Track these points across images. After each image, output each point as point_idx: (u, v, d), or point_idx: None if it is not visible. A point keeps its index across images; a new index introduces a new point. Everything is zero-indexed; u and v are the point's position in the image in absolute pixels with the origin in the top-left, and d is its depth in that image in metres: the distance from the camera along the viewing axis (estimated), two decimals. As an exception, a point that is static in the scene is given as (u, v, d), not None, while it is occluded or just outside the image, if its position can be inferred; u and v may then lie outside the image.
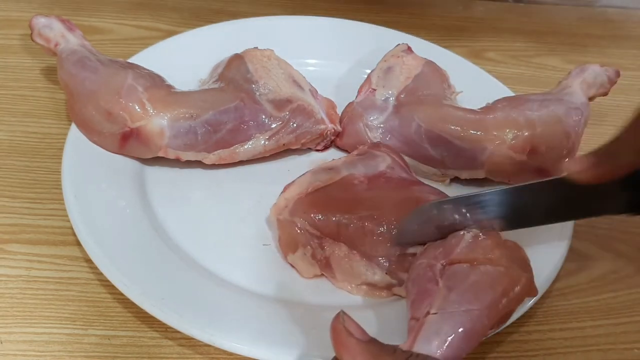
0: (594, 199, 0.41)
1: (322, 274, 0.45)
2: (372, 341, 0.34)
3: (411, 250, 0.43)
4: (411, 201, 0.44)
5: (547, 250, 0.47)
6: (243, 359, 0.40)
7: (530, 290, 0.40)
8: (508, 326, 0.42)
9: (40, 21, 0.53)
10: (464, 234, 0.41)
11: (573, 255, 0.49)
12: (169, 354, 0.41)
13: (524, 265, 0.40)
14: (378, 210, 0.44)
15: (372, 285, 0.44)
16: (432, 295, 0.38)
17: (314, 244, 0.44)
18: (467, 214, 0.42)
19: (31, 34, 0.53)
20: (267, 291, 0.44)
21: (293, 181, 0.47)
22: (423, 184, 0.47)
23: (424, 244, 0.43)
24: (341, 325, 0.34)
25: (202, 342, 0.39)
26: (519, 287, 0.39)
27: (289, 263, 0.46)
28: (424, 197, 0.45)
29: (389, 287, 0.44)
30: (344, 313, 0.34)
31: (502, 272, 0.39)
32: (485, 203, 0.42)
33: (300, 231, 0.45)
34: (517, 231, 0.48)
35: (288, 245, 0.46)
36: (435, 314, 0.37)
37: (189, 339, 0.41)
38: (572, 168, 0.38)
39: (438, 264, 0.40)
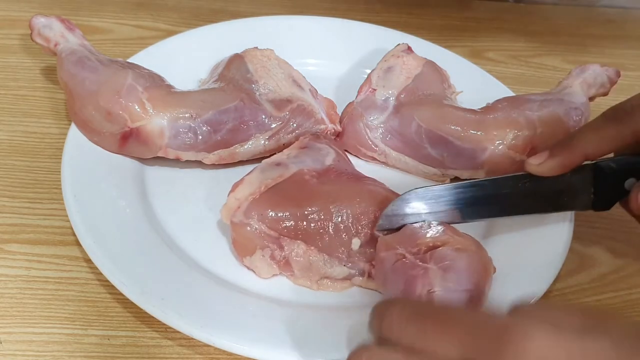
0: (555, 195, 0.44)
1: (280, 273, 0.45)
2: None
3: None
4: (364, 193, 0.45)
5: (547, 250, 0.47)
6: (243, 359, 0.40)
7: (493, 269, 0.42)
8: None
9: (40, 21, 0.53)
10: (420, 224, 0.43)
11: (573, 255, 0.49)
12: (169, 354, 0.41)
13: (482, 248, 0.43)
14: (334, 205, 0.44)
15: (332, 278, 0.45)
16: (424, 277, 0.39)
17: (272, 245, 0.44)
18: (427, 206, 0.43)
19: (31, 33, 0.53)
20: (267, 291, 0.44)
21: (241, 180, 0.45)
22: (368, 177, 0.48)
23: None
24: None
25: (201, 342, 0.39)
26: (490, 269, 0.42)
27: (245, 266, 0.45)
28: (375, 189, 0.46)
29: (348, 278, 0.45)
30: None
31: (478, 256, 0.41)
32: (445, 195, 0.44)
33: (257, 233, 0.44)
34: (517, 231, 0.48)
35: (244, 248, 0.45)
36: (439, 291, 0.38)
37: (188, 339, 0.41)
38: (532, 162, 0.42)
39: (408, 254, 0.41)
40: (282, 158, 0.48)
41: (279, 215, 0.44)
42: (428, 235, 0.42)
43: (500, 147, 0.51)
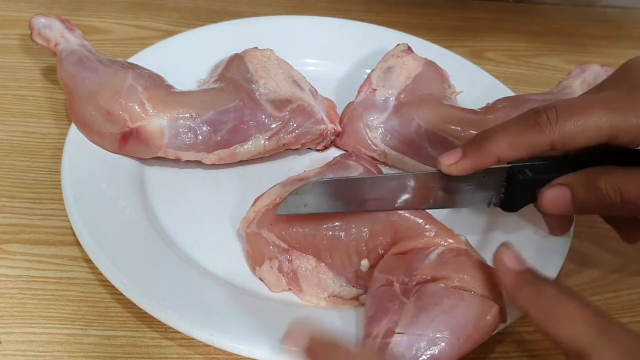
0: (463, 191, 0.43)
1: (289, 289, 0.44)
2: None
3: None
4: (380, 216, 0.43)
5: (547, 250, 0.47)
6: (243, 359, 0.40)
7: (502, 317, 0.39)
8: (508, 326, 0.42)
9: (40, 21, 0.53)
10: (429, 251, 0.40)
11: (573, 255, 0.49)
12: (169, 354, 0.41)
13: (497, 292, 0.39)
14: (348, 223, 0.43)
15: (339, 298, 0.44)
16: (393, 313, 0.37)
17: (281, 257, 0.43)
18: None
19: (31, 33, 0.53)
20: (267, 291, 0.44)
21: (263, 193, 0.45)
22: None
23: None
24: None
25: (201, 342, 0.39)
26: (490, 318, 0.38)
27: (257, 277, 0.45)
28: (391, 214, 0.43)
29: (356, 298, 0.44)
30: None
31: (476, 300, 0.38)
32: (347, 189, 0.42)
33: (266, 243, 0.43)
34: (517, 231, 0.48)
35: (255, 258, 0.44)
36: (402, 333, 0.36)
37: (188, 339, 0.41)
38: (444, 162, 0.41)
39: (397, 283, 0.39)
40: (307, 174, 0.47)
41: (289, 226, 0.43)
42: (432, 264, 0.39)
43: (500, 147, 0.51)
